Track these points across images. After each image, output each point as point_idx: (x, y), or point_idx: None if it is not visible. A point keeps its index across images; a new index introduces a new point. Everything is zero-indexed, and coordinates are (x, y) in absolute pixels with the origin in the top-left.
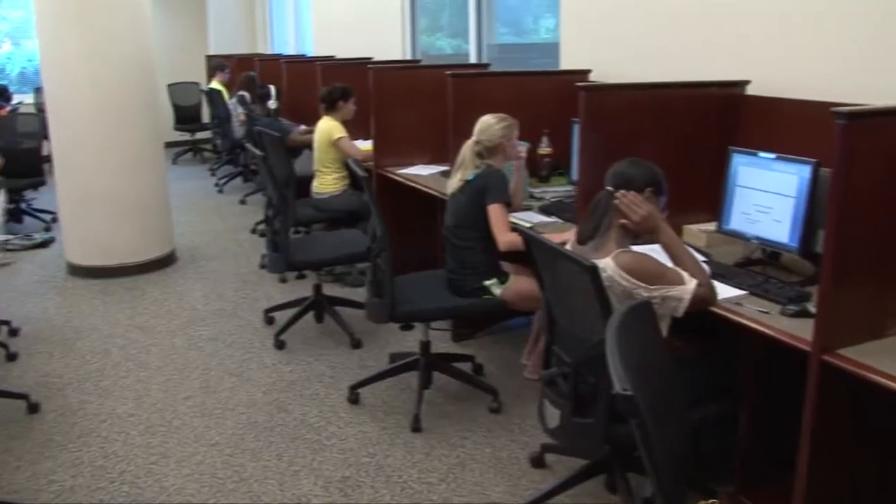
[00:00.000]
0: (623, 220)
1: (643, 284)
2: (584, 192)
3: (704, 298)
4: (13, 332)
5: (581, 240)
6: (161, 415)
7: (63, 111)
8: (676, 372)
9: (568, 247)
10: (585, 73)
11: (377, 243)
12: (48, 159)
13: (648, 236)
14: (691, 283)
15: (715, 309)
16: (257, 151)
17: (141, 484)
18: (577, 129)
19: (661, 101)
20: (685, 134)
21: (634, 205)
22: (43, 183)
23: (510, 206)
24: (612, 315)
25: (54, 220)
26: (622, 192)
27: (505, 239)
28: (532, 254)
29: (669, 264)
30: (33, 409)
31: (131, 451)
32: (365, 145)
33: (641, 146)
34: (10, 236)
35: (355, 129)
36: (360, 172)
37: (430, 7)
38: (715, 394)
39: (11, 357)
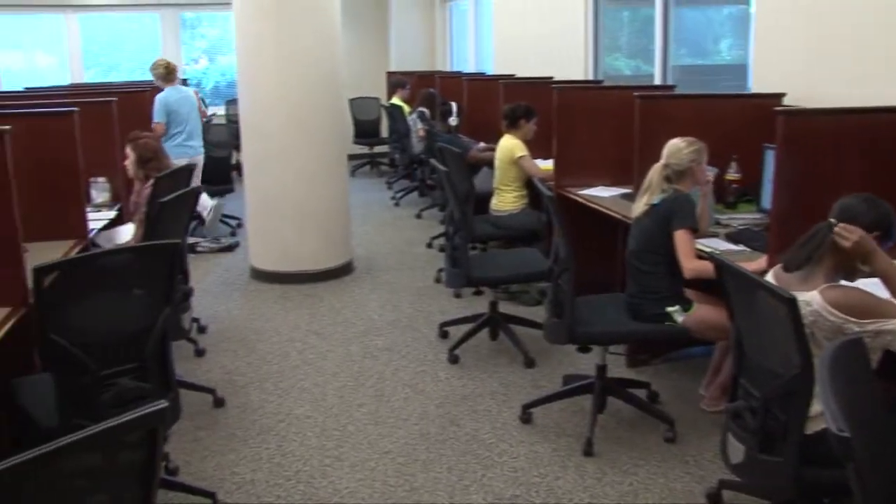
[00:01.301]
0: (836, 253)
1: (854, 319)
2: (778, 221)
3: None
4: (201, 330)
5: (789, 267)
6: (336, 419)
7: (255, 122)
8: (890, 415)
9: (769, 275)
10: (779, 96)
11: (559, 263)
12: (237, 168)
13: (865, 271)
14: None
15: None
16: (441, 167)
17: (316, 484)
18: (770, 156)
19: (870, 127)
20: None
21: (847, 230)
22: (231, 190)
23: (696, 233)
24: (824, 352)
25: (239, 225)
26: (842, 224)
27: (691, 266)
28: (725, 282)
29: (885, 297)
30: (219, 403)
31: (307, 452)
32: (545, 164)
33: (845, 174)
34: (200, 239)
35: (533, 148)
36: (547, 192)
37: (609, 27)
38: None
39: (200, 353)
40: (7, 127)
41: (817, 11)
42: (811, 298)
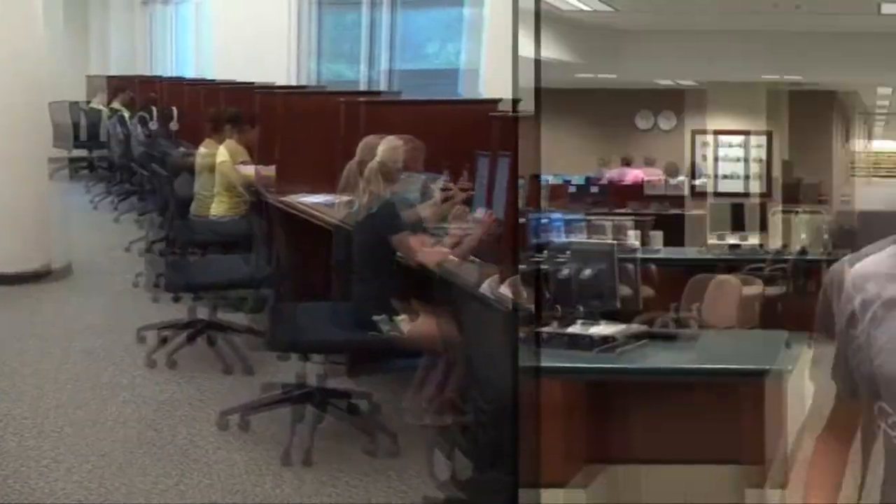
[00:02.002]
0: None
1: None
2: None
3: None
4: None
5: None
6: (54, 421)
7: None
8: None
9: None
10: (496, 102)
11: (267, 270)
12: None
13: None
14: None
15: None
16: (144, 171)
17: (33, 485)
18: (483, 162)
19: None
20: None
21: None
22: None
23: (411, 232)
24: None
25: None
26: None
27: (419, 259)
28: (444, 293)
29: None
30: None
31: (25, 452)
32: (248, 170)
33: None
34: None
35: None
36: (266, 198)
37: (331, 33)
38: None
39: None
40: None
41: None
42: None
